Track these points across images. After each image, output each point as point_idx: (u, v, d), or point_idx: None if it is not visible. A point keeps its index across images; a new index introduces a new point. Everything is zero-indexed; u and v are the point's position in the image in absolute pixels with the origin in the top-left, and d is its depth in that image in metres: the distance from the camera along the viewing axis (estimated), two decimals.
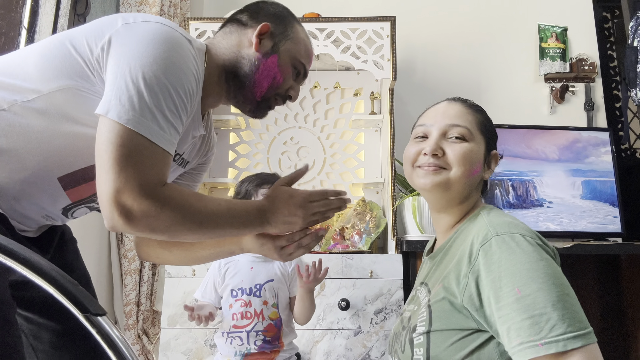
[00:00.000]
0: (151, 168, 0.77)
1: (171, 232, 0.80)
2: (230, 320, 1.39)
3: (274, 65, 0.97)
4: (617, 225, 1.96)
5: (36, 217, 0.89)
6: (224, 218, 0.85)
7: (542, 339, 0.70)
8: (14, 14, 1.68)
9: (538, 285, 0.73)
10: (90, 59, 0.81)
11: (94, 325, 0.56)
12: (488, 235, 0.80)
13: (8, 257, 0.57)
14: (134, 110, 0.76)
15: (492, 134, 0.97)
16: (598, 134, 2.07)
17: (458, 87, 2.44)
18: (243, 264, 1.44)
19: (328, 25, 2.10)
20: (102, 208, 0.76)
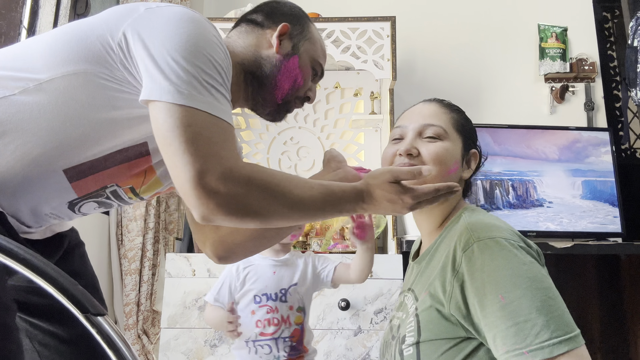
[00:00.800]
0: (224, 144, 0.72)
1: (262, 214, 0.73)
2: (253, 327, 1.31)
3: (295, 67, 0.94)
4: (617, 225, 1.96)
5: (40, 213, 0.85)
6: (319, 201, 0.76)
7: (528, 346, 0.69)
8: (14, 14, 1.68)
9: (521, 291, 0.72)
10: (111, 43, 0.76)
11: (94, 325, 0.56)
12: (470, 240, 0.79)
13: (8, 257, 0.57)
14: (188, 88, 0.71)
15: (470, 133, 0.96)
16: (598, 134, 2.08)
17: (458, 87, 2.44)
18: (264, 269, 1.36)
19: (328, 25, 2.10)
20: (186, 198, 0.70)
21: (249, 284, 1.34)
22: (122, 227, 2.00)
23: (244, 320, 1.33)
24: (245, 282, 1.34)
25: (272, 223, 0.76)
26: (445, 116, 0.93)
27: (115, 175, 0.86)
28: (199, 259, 1.81)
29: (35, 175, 0.79)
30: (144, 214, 2.00)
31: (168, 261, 1.81)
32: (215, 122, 0.72)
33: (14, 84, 0.77)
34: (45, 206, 0.85)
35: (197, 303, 1.77)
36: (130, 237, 1.97)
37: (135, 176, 0.89)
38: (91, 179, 0.84)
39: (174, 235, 2.18)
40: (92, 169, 0.83)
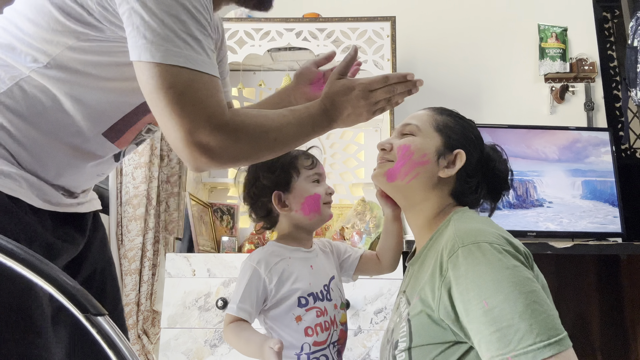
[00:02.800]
0: (209, 98, 0.74)
1: (252, 157, 0.80)
2: (302, 337, 1.01)
3: None
4: (617, 225, 1.96)
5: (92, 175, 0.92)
6: (294, 127, 0.83)
7: (511, 352, 0.68)
8: None
9: (504, 296, 0.71)
10: (90, 4, 0.76)
11: (94, 325, 0.56)
12: (455, 246, 0.79)
13: (8, 257, 0.57)
14: (165, 43, 0.71)
15: (457, 133, 0.95)
16: (598, 134, 2.07)
17: (458, 87, 2.44)
18: (300, 263, 1.08)
19: (328, 25, 2.10)
20: (180, 153, 0.74)
21: (288, 285, 1.03)
22: (122, 227, 2.00)
23: (286, 329, 1.03)
24: (281, 283, 1.03)
25: (260, 160, 0.83)
26: (426, 117, 0.97)
27: (147, 119, 0.92)
28: (199, 259, 1.81)
29: (79, 146, 0.85)
30: (144, 214, 2.00)
31: (168, 261, 1.81)
32: (198, 78, 0.73)
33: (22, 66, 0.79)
34: (97, 167, 0.92)
35: (197, 303, 1.77)
36: (130, 237, 1.97)
37: None
38: (129, 132, 0.91)
39: (174, 235, 2.18)
40: (126, 124, 0.88)
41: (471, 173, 0.94)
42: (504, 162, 1.00)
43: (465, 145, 0.94)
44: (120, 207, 2.03)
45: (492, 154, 0.99)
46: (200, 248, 1.97)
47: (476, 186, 0.95)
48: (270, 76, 2.47)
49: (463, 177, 0.93)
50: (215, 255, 1.83)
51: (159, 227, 2.13)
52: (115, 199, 2.02)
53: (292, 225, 1.11)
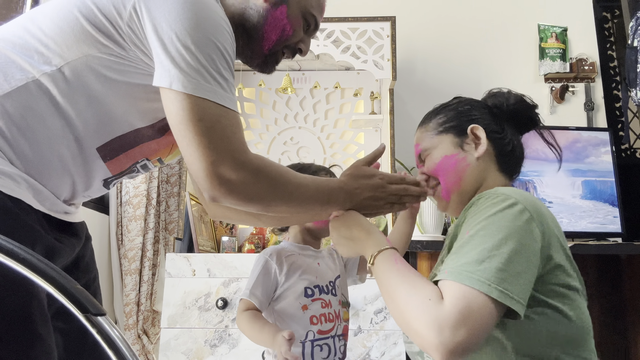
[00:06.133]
0: (234, 135, 0.77)
1: (267, 201, 0.82)
2: (307, 325, 1.12)
3: (282, 16, 0.93)
4: (617, 225, 1.96)
5: (78, 195, 0.89)
6: (311, 191, 0.86)
7: (451, 267, 0.70)
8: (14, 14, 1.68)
9: (487, 233, 0.72)
10: (120, 23, 0.78)
11: (94, 325, 0.56)
12: (487, 193, 0.81)
13: (8, 257, 0.57)
14: (197, 76, 0.74)
15: (454, 119, 0.96)
16: (598, 134, 2.07)
17: (458, 87, 2.44)
18: (308, 259, 1.20)
19: (328, 25, 2.10)
20: (201, 182, 0.77)
21: (296, 276, 1.15)
22: (122, 227, 2.00)
23: (292, 318, 1.13)
24: (290, 274, 1.15)
25: (272, 208, 0.84)
26: (424, 134, 0.99)
27: (145, 151, 0.90)
28: (199, 259, 1.81)
29: (72, 157, 0.83)
30: (144, 214, 2.00)
31: (168, 261, 1.81)
32: (225, 114, 0.77)
33: (33, 68, 0.78)
34: (84, 186, 0.88)
35: (197, 303, 1.77)
36: (130, 237, 1.97)
37: (163, 149, 0.94)
38: (123, 157, 0.88)
39: (174, 235, 2.18)
40: (122, 146, 0.87)
41: (498, 129, 0.95)
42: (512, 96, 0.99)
43: (473, 117, 0.95)
44: (120, 207, 2.03)
45: (496, 99, 0.99)
46: (200, 248, 1.97)
47: (508, 137, 0.97)
48: (270, 76, 2.46)
49: (494, 139, 0.94)
50: (215, 255, 1.83)
51: (159, 227, 2.13)
52: (115, 199, 2.02)
53: (302, 230, 1.23)
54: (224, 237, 2.09)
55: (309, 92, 2.47)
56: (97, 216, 1.95)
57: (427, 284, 0.72)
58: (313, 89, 2.47)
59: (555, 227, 0.80)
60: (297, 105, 2.46)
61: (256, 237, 2.19)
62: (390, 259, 0.80)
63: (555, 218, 0.83)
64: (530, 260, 0.72)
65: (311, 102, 2.46)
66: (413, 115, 2.42)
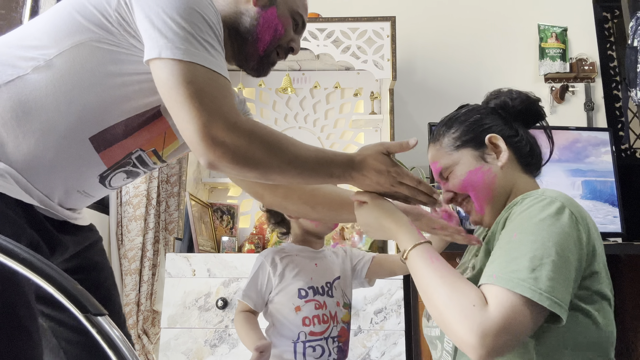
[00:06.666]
0: (226, 98, 0.78)
1: (263, 167, 0.80)
2: (299, 326, 1.13)
3: (274, 17, 0.97)
4: (617, 225, 1.96)
5: (72, 190, 0.89)
6: (311, 162, 0.85)
7: (500, 272, 0.70)
8: (14, 14, 1.68)
9: (535, 238, 0.71)
10: (108, 10, 0.80)
11: (94, 325, 0.56)
12: (533, 193, 0.80)
13: (8, 257, 0.57)
14: (186, 44, 0.75)
15: (469, 132, 0.94)
16: (598, 134, 2.07)
17: (458, 87, 2.44)
18: (305, 260, 1.20)
19: (328, 25, 2.10)
20: (194, 147, 0.76)
21: (290, 277, 1.16)
22: (122, 227, 2.00)
23: (286, 319, 1.15)
24: (284, 275, 1.16)
25: (269, 176, 0.82)
26: (440, 151, 0.96)
27: (137, 140, 0.90)
28: (199, 259, 1.81)
29: (65, 149, 0.83)
30: (144, 214, 2.00)
31: (168, 261, 1.81)
32: (215, 78, 0.78)
33: (25, 63, 0.80)
34: (78, 182, 0.88)
35: (197, 303, 1.77)
36: (130, 237, 1.97)
37: (155, 138, 0.94)
38: (116, 147, 0.88)
39: (174, 235, 2.18)
40: (115, 136, 0.87)
41: (512, 134, 0.93)
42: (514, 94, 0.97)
43: (486, 127, 0.94)
44: (120, 207, 2.03)
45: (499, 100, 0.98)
46: (200, 248, 1.97)
47: (525, 136, 0.94)
48: (270, 76, 2.43)
49: (512, 143, 0.92)
50: (215, 255, 1.83)
51: (159, 227, 2.13)
52: (115, 199, 2.03)
53: (302, 231, 1.23)
54: (224, 237, 2.09)
55: (309, 92, 2.47)
56: (97, 216, 1.95)
57: (470, 288, 0.71)
58: (313, 89, 2.47)
59: (596, 232, 0.79)
60: (297, 105, 2.46)
61: (256, 237, 2.19)
62: (426, 255, 0.78)
63: (595, 223, 0.81)
64: (577, 267, 0.73)
65: (311, 102, 2.46)
66: (413, 115, 2.41)
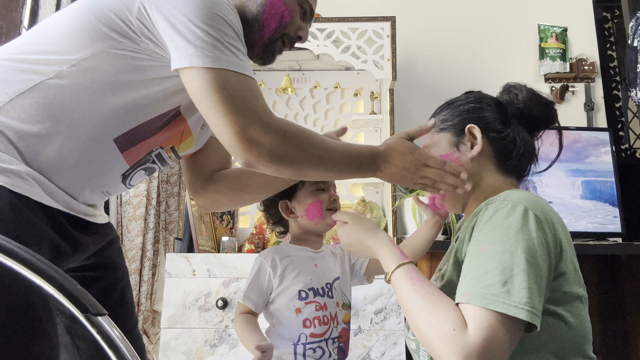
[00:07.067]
0: (257, 99, 0.81)
1: (297, 164, 0.83)
2: (300, 328, 1.12)
3: (280, 4, 0.97)
4: (617, 225, 1.96)
5: (97, 191, 0.91)
6: (341, 155, 0.87)
7: (473, 290, 0.69)
8: (14, 14, 1.68)
9: (502, 248, 0.71)
10: (129, 17, 0.81)
11: (94, 325, 0.56)
12: (496, 199, 0.80)
13: (8, 257, 0.57)
14: (213, 50, 0.78)
15: (453, 117, 0.94)
16: (598, 134, 2.07)
17: (458, 87, 2.43)
18: (305, 261, 1.18)
19: (328, 25, 2.10)
20: (232, 150, 0.80)
21: (290, 278, 1.15)
22: (122, 227, 2.00)
23: (286, 321, 1.14)
24: (284, 276, 1.15)
25: (304, 172, 0.86)
26: (429, 132, 0.98)
27: (158, 139, 0.93)
28: (199, 259, 1.81)
29: (89, 150, 0.85)
30: (144, 214, 2.00)
31: (168, 261, 1.81)
32: (245, 81, 0.80)
33: (47, 67, 0.81)
34: (102, 182, 0.91)
35: (197, 303, 1.77)
36: (130, 237, 1.97)
37: (175, 136, 0.96)
38: (139, 146, 0.91)
39: (174, 235, 2.18)
40: (138, 137, 0.89)
41: (500, 128, 0.92)
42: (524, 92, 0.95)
43: (472, 117, 0.93)
44: (120, 207, 2.02)
45: (508, 95, 0.97)
46: (200, 248, 1.97)
47: (514, 135, 0.92)
48: (270, 76, 2.47)
49: (495, 138, 0.92)
50: (215, 255, 1.83)
51: (159, 227, 2.13)
52: (115, 199, 2.02)
53: (301, 229, 1.21)
54: (224, 237, 2.09)
55: (309, 92, 2.47)
56: None
57: (449, 309, 0.70)
58: (313, 89, 2.47)
59: (563, 231, 0.79)
60: (297, 105, 2.46)
61: (256, 237, 2.18)
62: (407, 276, 0.78)
63: (562, 221, 0.81)
64: (547, 271, 0.72)
65: (311, 102, 2.46)
66: (413, 115, 2.41)
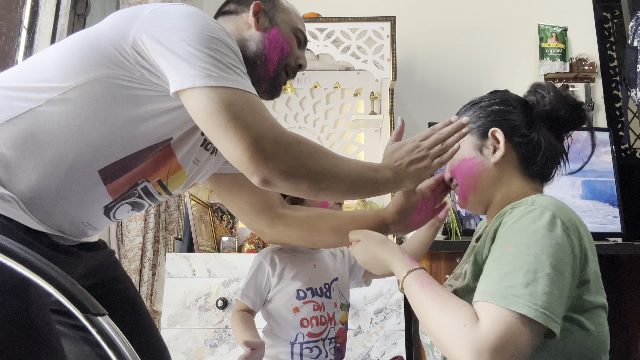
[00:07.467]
0: (266, 114, 0.79)
1: (314, 175, 0.80)
2: (297, 327, 1.13)
3: (278, 37, 0.98)
4: (617, 225, 1.96)
5: (77, 223, 0.88)
6: (354, 164, 0.86)
7: (494, 289, 0.69)
8: (14, 14, 1.68)
9: (528, 251, 0.70)
10: (124, 46, 0.80)
11: (94, 325, 0.56)
12: (523, 202, 0.78)
13: (8, 257, 0.57)
14: (215, 70, 0.76)
15: (479, 119, 0.93)
16: (598, 134, 2.06)
17: (458, 87, 2.44)
18: (304, 261, 1.19)
19: (328, 25, 2.10)
20: (245, 167, 0.77)
21: (288, 277, 1.16)
22: (122, 227, 2.00)
23: (284, 319, 1.15)
24: (283, 275, 1.16)
25: (322, 184, 0.82)
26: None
27: (144, 171, 0.90)
28: (199, 259, 1.81)
29: (71, 180, 0.82)
30: (144, 214, 2.00)
31: (168, 261, 1.81)
32: (250, 97, 0.79)
33: (37, 95, 0.80)
34: (83, 214, 0.87)
35: (197, 303, 1.77)
36: (130, 237, 1.97)
37: (161, 169, 0.93)
38: (123, 178, 0.87)
39: (174, 235, 2.18)
40: (124, 168, 0.86)
41: (524, 132, 0.89)
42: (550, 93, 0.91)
43: (496, 119, 0.91)
44: None
45: (534, 97, 0.93)
46: (200, 248, 1.97)
47: (539, 138, 0.90)
48: None
49: (519, 142, 0.89)
50: (215, 255, 1.83)
51: (159, 227, 2.13)
52: None
53: None
54: (224, 237, 2.09)
55: (309, 92, 2.47)
56: None
57: (459, 307, 0.70)
58: (313, 89, 2.47)
59: (588, 240, 0.78)
60: (297, 105, 2.46)
61: (256, 237, 2.18)
62: (417, 281, 0.79)
63: (587, 229, 0.80)
64: (570, 279, 0.71)
65: (311, 102, 2.46)
66: (413, 115, 2.41)
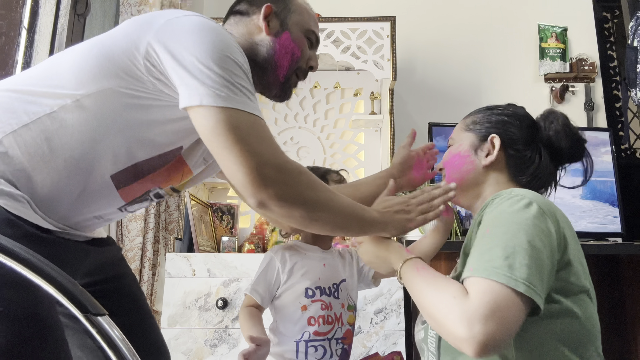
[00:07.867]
0: (271, 139, 0.80)
1: (309, 206, 0.82)
2: (304, 325, 1.13)
3: (288, 42, 0.98)
4: (617, 225, 1.96)
5: (90, 218, 0.90)
6: (346, 200, 0.88)
7: (476, 264, 0.72)
8: (14, 14, 1.68)
9: (506, 229, 0.74)
10: (137, 56, 0.80)
11: (94, 325, 0.56)
12: (502, 193, 0.83)
13: (8, 257, 0.57)
14: (225, 90, 0.77)
15: (484, 123, 0.99)
16: (598, 134, 2.07)
17: (458, 87, 2.44)
18: (314, 260, 1.20)
19: (328, 25, 2.10)
20: (245, 189, 0.78)
21: (298, 275, 1.16)
22: (122, 227, 2.00)
23: (291, 317, 1.15)
24: (292, 272, 1.16)
25: (315, 214, 0.83)
26: (458, 127, 1.04)
27: (156, 179, 0.91)
28: (199, 259, 1.81)
29: (86, 185, 0.83)
30: (144, 214, 2.00)
31: (168, 261, 1.81)
32: (256, 121, 0.80)
33: (52, 101, 0.80)
34: (96, 212, 0.90)
35: (197, 303, 1.77)
36: (130, 237, 1.97)
37: (174, 177, 0.95)
38: (136, 185, 0.89)
39: (174, 235, 2.18)
40: (136, 175, 0.87)
41: (520, 147, 0.96)
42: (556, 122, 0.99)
43: (499, 128, 0.98)
44: None
45: (543, 121, 1.00)
46: (200, 248, 1.97)
47: (533, 157, 0.96)
48: None
49: (513, 154, 0.96)
50: (215, 255, 1.83)
51: (159, 227, 2.13)
52: None
53: None
54: (224, 237, 2.09)
55: (309, 92, 2.47)
56: None
57: (450, 283, 0.73)
58: (313, 89, 2.47)
59: (568, 228, 0.81)
60: (297, 105, 2.46)
61: (256, 237, 2.19)
62: (412, 267, 0.83)
63: (568, 220, 0.84)
64: (549, 256, 0.74)
65: (311, 102, 2.46)
66: (413, 115, 2.41)
